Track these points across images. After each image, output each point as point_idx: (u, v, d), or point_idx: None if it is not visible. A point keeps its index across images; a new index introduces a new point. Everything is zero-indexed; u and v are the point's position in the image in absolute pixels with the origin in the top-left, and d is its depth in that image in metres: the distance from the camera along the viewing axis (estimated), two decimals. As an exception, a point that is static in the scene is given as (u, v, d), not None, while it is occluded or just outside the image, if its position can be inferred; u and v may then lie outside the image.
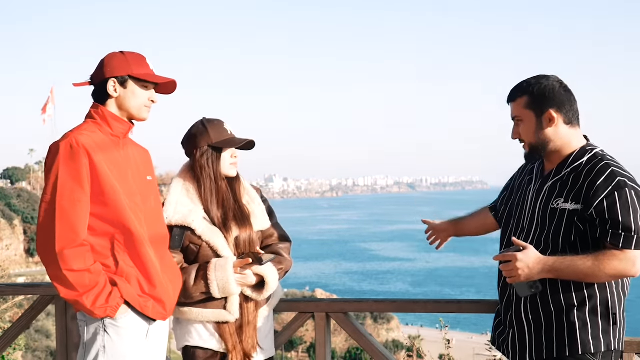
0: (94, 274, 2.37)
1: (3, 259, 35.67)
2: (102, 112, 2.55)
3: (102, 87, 2.55)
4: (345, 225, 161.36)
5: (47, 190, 2.38)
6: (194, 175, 2.84)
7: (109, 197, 2.42)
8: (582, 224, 2.36)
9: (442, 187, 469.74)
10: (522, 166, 2.76)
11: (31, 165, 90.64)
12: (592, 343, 2.35)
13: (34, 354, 27.74)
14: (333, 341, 11.53)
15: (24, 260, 63.72)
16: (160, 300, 2.54)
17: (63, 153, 2.39)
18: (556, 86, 2.47)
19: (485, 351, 7.20)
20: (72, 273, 2.33)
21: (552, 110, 2.44)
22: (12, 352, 10.09)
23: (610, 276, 2.32)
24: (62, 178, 2.37)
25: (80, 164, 2.39)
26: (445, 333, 6.84)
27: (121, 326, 2.45)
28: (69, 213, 2.36)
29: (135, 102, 2.57)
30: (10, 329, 3.81)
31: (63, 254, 2.33)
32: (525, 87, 2.50)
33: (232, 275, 2.71)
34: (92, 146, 2.43)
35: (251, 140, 2.85)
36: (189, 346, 2.82)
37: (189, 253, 2.80)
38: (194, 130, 2.84)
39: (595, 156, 2.43)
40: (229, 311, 2.76)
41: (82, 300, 2.36)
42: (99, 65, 2.59)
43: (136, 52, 2.62)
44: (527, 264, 2.34)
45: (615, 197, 2.29)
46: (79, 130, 2.51)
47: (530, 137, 2.49)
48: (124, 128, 2.58)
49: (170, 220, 2.75)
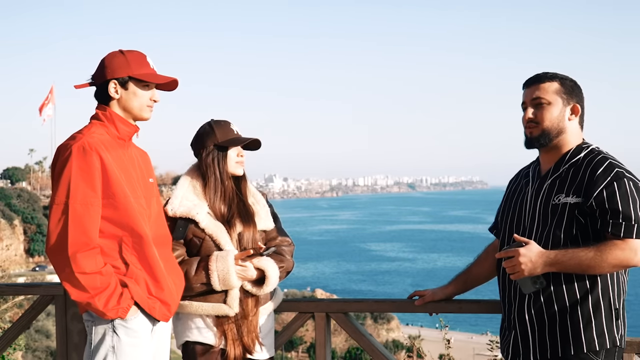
0: (105, 275, 2.39)
1: (3, 259, 35.71)
2: (110, 113, 2.55)
3: (104, 89, 2.55)
4: (345, 226, 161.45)
5: (58, 193, 2.38)
6: (200, 173, 2.89)
7: (119, 200, 2.44)
8: (583, 217, 2.38)
9: (442, 187, 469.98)
10: (512, 178, 2.79)
11: (31, 165, 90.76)
12: (597, 340, 2.36)
13: (34, 354, 27.75)
14: (333, 341, 11.53)
15: (24, 260, 63.77)
16: (166, 302, 2.56)
17: (75, 155, 2.38)
18: (580, 87, 2.55)
19: (485, 351, 7.20)
20: (84, 276, 2.34)
21: (578, 105, 2.52)
22: (12, 352, 10.09)
23: (613, 266, 2.34)
24: (75, 181, 2.36)
25: (92, 167, 2.39)
26: (445, 333, 6.84)
27: (131, 327, 2.47)
28: (82, 216, 2.36)
29: (137, 102, 2.57)
30: (10, 329, 3.82)
31: (76, 257, 2.33)
32: (555, 75, 2.54)
33: (233, 267, 2.73)
34: (103, 149, 2.44)
35: (256, 139, 2.91)
36: (188, 342, 2.83)
37: (191, 246, 2.82)
38: (201, 130, 2.91)
39: (592, 151, 2.49)
40: (229, 305, 2.78)
41: (94, 302, 2.36)
42: (99, 66, 2.58)
43: (136, 50, 2.62)
44: (529, 258, 2.35)
45: (614, 187, 2.33)
46: (88, 131, 2.50)
47: (551, 121, 2.50)
48: (129, 130, 2.60)
49: (175, 212, 2.79)
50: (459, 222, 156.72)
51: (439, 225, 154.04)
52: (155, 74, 2.61)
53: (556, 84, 2.52)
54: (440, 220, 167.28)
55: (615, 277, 2.42)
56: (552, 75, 2.54)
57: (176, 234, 2.79)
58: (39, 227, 67.04)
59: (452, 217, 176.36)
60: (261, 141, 2.92)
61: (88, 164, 2.38)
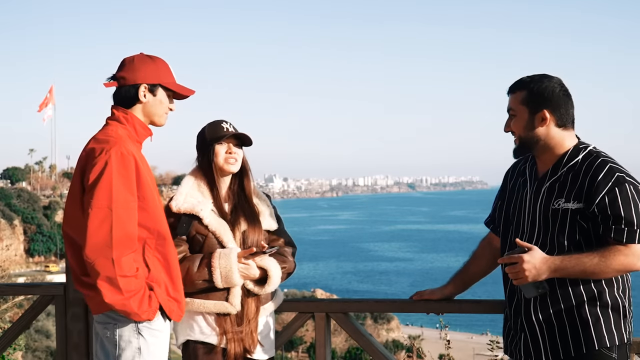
0: (139, 279, 2.44)
1: (3, 259, 35.81)
2: (131, 117, 2.60)
3: (133, 92, 2.60)
4: (345, 226, 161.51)
5: (97, 196, 2.39)
6: (201, 171, 2.93)
7: (148, 203, 2.51)
8: (585, 222, 2.38)
9: (442, 187, 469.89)
10: (508, 171, 2.78)
11: (31, 165, 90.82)
12: (607, 337, 2.37)
13: (34, 354, 27.77)
14: (333, 341, 11.54)
15: (24, 260, 63.78)
16: (180, 302, 2.63)
17: (115, 160, 2.42)
18: (556, 88, 2.49)
19: (485, 351, 7.21)
20: (124, 279, 2.38)
21: (547, 110, 2.47)
22: (12, 352, 10.09)
23: (617, 271, 2.36)
24: (117, 186, 2.41)
25: (131, 171, 2.45)
26: (446, 333, 6.86)
27: (156, 329, 2.53)
28: (125, 221, 2.41)
29: (161, 109, 2.65)
30: (10, 329, 3.82)
31: (121, 261, 2.37)
32: (526, 83, 2.52)
33: (236, 265, 2.74)
34: (136, 154, 2.51)
35: (241, 133, 2.91)
36: (190, 341, 2.84)
37: (194, 243, 2.84)
38: (198, 133, 2.97)
39: (591, 153, 2.46)
40: (230, 303, 2.79)
41: (130, 303, 2.39)
42: (127, 67, 2.62)
43: (160, 58, 2.69)
44: (534, 265, 2.34)
45: (616, 193, 2.33)
46: (116, 134, 2.53)
47: (520, 131, 2.52)
48: (146, 134, 2.66)
49: (179, 208, 2.83)
50: (459, 222, 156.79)
51: (439, 225, 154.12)
52: (184, 87, 2.71)
53: (523, 93, 2.50)
54: (440, 220, 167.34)
55: (620, 275, 2.43)
56: (523, 84, 2.52)
57: (180, 229, 2.81)
58: (39, 227, 67.07)
59: (451, 217, 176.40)
60: (249, 136, 2.92)
61: (127, 169, 2.44)
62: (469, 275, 2.97)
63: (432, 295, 3.04)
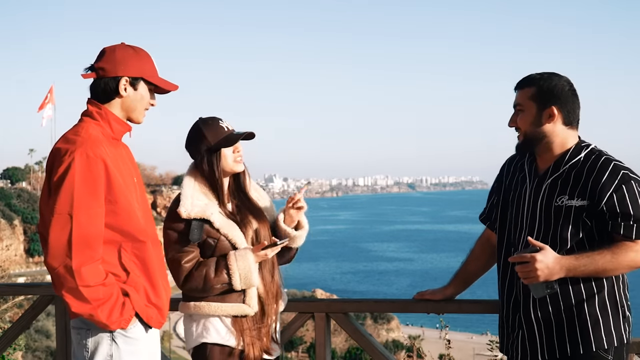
0: (107, 286, 2.31)
1: (3, 259, 35.78)
2: (105, 112, 2.44)
3: (113, 85, 2.42)
4: (345, 226, 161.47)
5: (59, 202, 2.26)
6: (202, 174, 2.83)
7: (120, 206, 2.35)
8: (589, 220, 2.39)
9: (442, 187, 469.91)
10: (504, 165, 2.77)
11: (31, 165, 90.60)
12: (606, 339, 2.38)
13: (34, 354, 27.78)
14: (333, 341, 11.53)
15: (24, 260, 63.76)
16: (161, 308, 2.51)
17: (79, 164, 2.26)
18: (565, 86, 2.51)
19: (485, 351, 7.21)
20: (87, 289, 2.25)
21: (555, 107, 2.49)
22: (12, 352, 10.09)
23: (628, 267, 2.39)
24: (79, 191, 2.25)
25: (97, 176, 2.29)
26: (446, 333, 6.86)
27: (130, 336, 2.40)
28: (87, 229, 2.26)
29: (141, 105, 2.49)
30: (10, 329, 3.82)
31: (80, 271, 2.23)
32: (536, 79, 2.53)
33: (254, 265, 2.71)
34: (106, 154, 2.33)
35: (249, 132, 2.83)
36: (206, 344, 2.76)
37: (205, 247, 2.76)
38: (192, 134, 2.83)
39: (593, 152, 2.48)
40: (248, 304, 2.74)
41: (97, 313, 2.27)
42: (108, 57, 2.44)
43: (142, 48, 2.52)
44: (546, 265, 2.34)
45: (623, 191, 2.36)
46: (85, 132, 2.37)
47: (526, 127, 2.53)
48: (123, 130, 2.50)
49: (189, 214, 2.71)
50: (459, 222, 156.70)
51: (439, 225, 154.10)
52: (168, 82, 2.54)
53: (533, 89, 2.51)
54: (440, 220, 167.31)
55: (619, 275, 2.44)
56: (533, 80, 2.53)
57: (192, 235, 2.71)
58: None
59: (451, 217, 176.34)
60: (254, 133, 2.83)
61: (92, 173, 2.28)
62: (469, 275, 2.97)
63: (434, 295, 3.05)
